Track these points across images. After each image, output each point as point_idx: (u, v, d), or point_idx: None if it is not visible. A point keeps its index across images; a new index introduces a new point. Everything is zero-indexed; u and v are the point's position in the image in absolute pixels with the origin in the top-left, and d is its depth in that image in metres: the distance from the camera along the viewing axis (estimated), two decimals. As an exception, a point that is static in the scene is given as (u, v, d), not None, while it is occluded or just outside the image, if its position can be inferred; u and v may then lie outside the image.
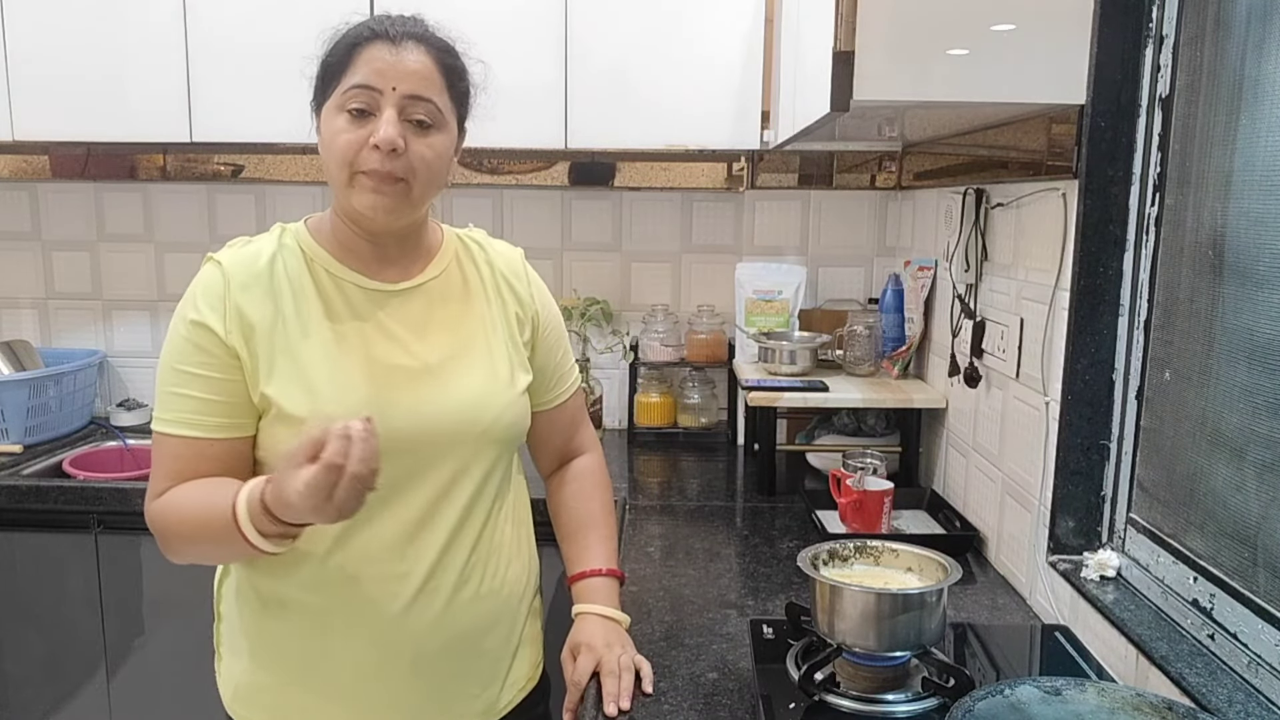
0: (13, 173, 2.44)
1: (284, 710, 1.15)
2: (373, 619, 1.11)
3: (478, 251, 1.24)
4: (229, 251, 1.14)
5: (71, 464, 2.22)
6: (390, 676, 1.13)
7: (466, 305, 1.19)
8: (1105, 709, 0.92)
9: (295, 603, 1.12)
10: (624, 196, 2.44)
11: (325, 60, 1.09)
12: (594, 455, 1.38)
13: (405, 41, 1.07)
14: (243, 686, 1.18)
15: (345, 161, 1.06)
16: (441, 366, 1.14)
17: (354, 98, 1.05)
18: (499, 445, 1.17)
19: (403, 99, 1.06)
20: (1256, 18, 1.08)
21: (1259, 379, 1.06)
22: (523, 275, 1.26)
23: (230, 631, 1.20)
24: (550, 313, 1.29)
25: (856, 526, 1.69)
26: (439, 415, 1.11)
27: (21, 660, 2.09)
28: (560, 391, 1.31)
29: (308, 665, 1.13)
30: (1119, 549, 1.34)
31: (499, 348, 1.19)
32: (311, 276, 1.12)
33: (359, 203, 1.07)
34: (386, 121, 1.04)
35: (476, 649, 1.18)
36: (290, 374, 1.07)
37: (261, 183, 2.45)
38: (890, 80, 1.29)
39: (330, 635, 1.12)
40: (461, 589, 1.14)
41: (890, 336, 2.14)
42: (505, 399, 1.17)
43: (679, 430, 2.42)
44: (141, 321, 2.56)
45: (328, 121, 1.08)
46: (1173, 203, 1.24)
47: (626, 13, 2.03)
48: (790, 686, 1.11)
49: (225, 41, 2.06)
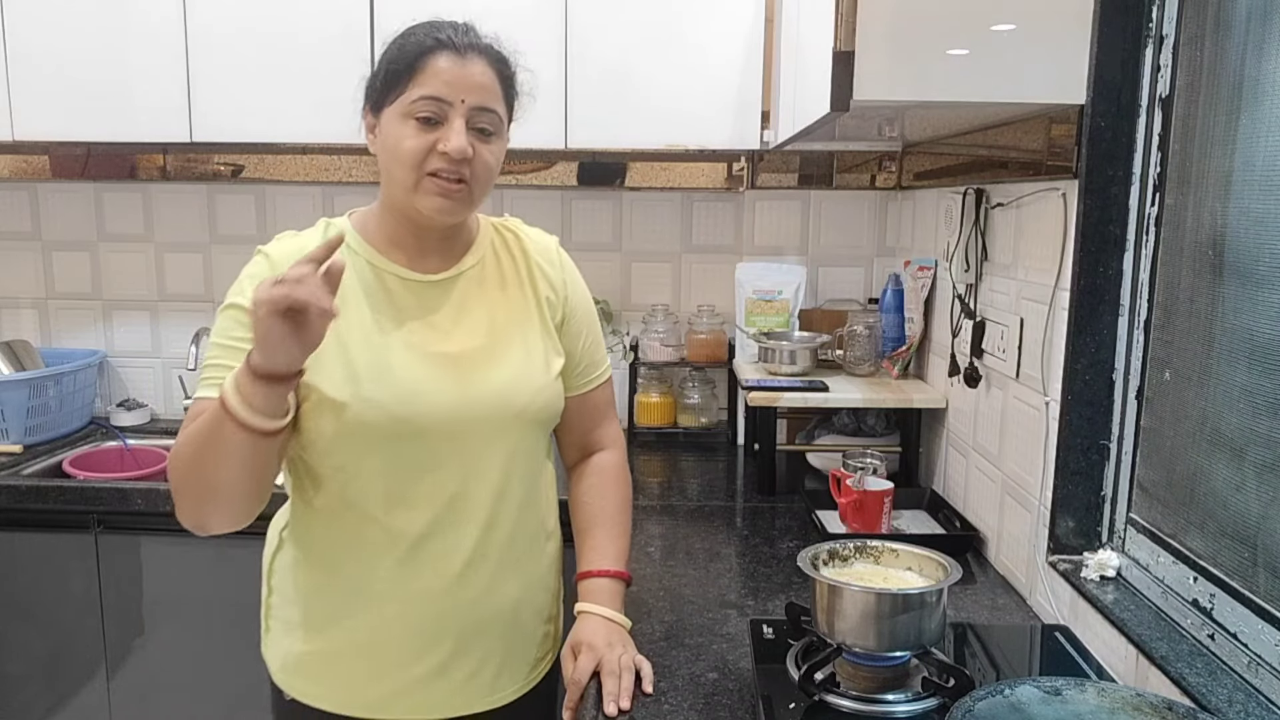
0: (13, 173, 2.44)
1: (332, 679, 1.21)
2: (419, 593, 1.18)
3: (513, 240, 1.29)
4: (277, 244, 1.19)
5: (71, 464, 2.22)
6: (436, 648, 1.19)
7: (502, 292, 1.25)
8: (1105, 709, 0.92)
9: (345, 577, 1.19)
10: (624, 196, 2.44)
11: (390, 66, 1.14)
12: (615, 452, 1.39)
13: (470, 54, 1.13)
14: (292, 656, 1.23)
15: (413, 165, 1.12)
16: (478, 352, 1.19)
17: (424, 107, 1.11)
18: (534, 426, 1.24)
19: (470, 110, 1.13)
20: (1256, 18, 1.08)
21: (1259, 379, 1.06)
22: (556, 261, 1.30)
23: (281, 604, 1.25)
24: (580, 299, 1.32)
25: (856, 526, 1.69)
26: (476, 399, 1.17)
27: (21, 660, 2.09)
28: (587, 380, 1.33)
29: (356, 637, 1.19)
30: (1119, 549, 1.34)
31: (533, 333, 1.24)
32: (354, 268, 1.17)
33: (425, 205, 1.14)
34: (456, 132, 1.11)
35: (516, 623, 1.25)
36: (334, 362, 1.12)
37: (261, 183, 2.45)
38: (890, 80, 1.29)
39: (379, 608, 1.18)
40: (503, 564, 1.21)
41: (890, 336, 2.14)
42: (539, 382, 1.22)
43: (679, 430, 2.42)
44: (141, 321, 2.57)
45: (392, 126, 1.13)
46: (1173, 203, 1.24)
47: (626, 12, 2.03)
48: (790, 686, 1.11)
49: (225, 41, 2.06)
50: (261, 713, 2.11)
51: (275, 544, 1.27)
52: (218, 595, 2.02)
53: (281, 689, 1.25)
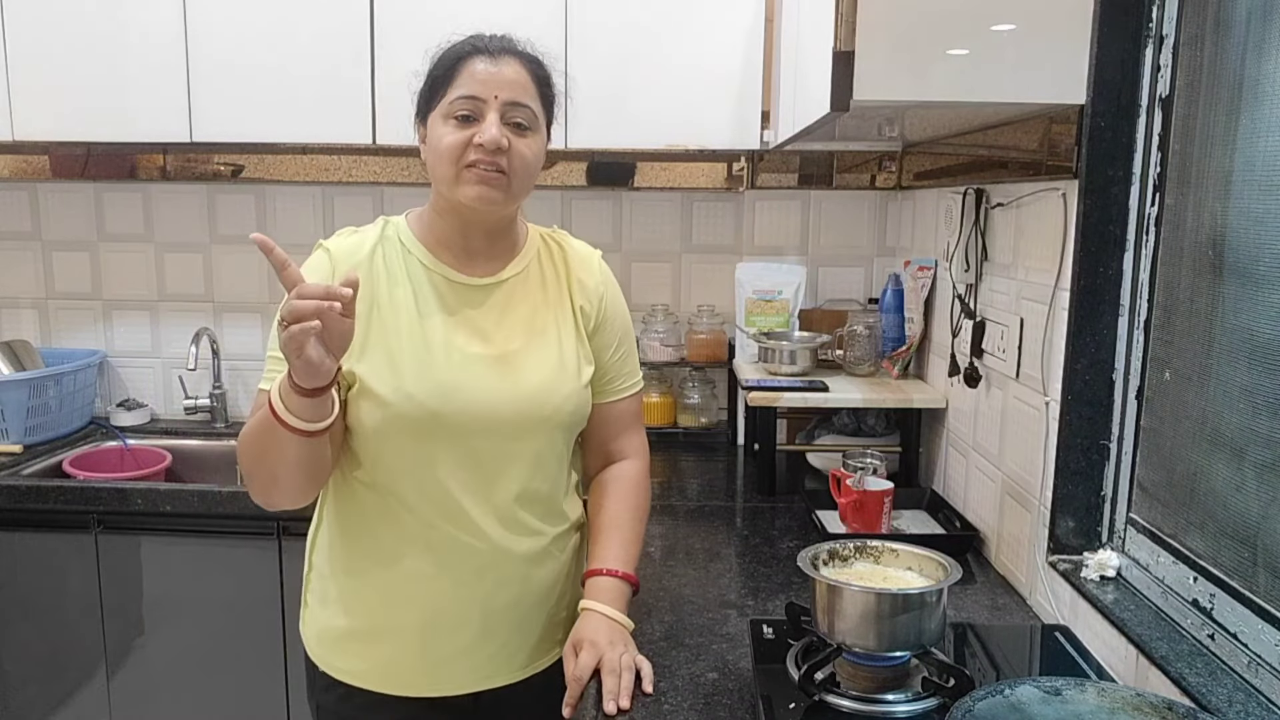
0: (13, 173, 2.44)
1: (362, 655, 1.27)
2: (446, 579, 1.23)
3: (556, 251, 1.35)
4: (337, 239, 1.26)
5: (71, 464, 2.22)
6: (461, 632, 1.25)
7: (543, 300, 1.30)
8: (1105, 709, 0.92)
9: (375, 559, 1.24)
10: (624, 196, 2.44)
11: (432, 74, 1.22)
12: (637, 462, 1.40)
13: (503, 56, 1.20)
14: (327, 631, 1.29)
15: (453, 159, 1.18)
16: (515, 356, 1.25)
17: (460, 106, 1.18)
18: (563, 429, 1.29)
19: (504, 105, 1.18)
20: (1256, 18, 1.08)
21: (1259, 379, 1.06)
22: (595, 272, 1.35)
23: (320, 579, 1.31)
24: (615, 311, 1.36)
25: (856, 526, 1.69)
26: (510, 400, 1.22)
27: (21, 660, 2.09)
28: (613, 389, 1.36)
29: (387, 617, 1.25)
30: (1119, 549, 1.34)
31: (568, 340, 1.29)
32: (406, 267, 1.24)
33: (465, 195, 1.19)
34: (490, 123, 1.17)
35: (539, 610, 1.30)
36: (379, 355, 1.20)
37: (261, 183, 2.45)
38: (890, 80, 1.29)
39: (407, 591, 1.24)
40: (528, 555, 1.26)
41: (890, 336, 2.14)
42: (570, 388, 1.27)
43: (679, 430, 2.42)
44: (141, 321, 2.57)
45: (435, 128, 1.20)
46: (1173, 203, 1.24)
47: (626, 13, 2.03)
48: (790, 686, 1.11)
49: (225, 41, 2.06)
50: (262, 712, 2.11)
51: (316, 521, 1.33)
52: (218, 595, 2.02)
53: (316, 663, 1.30)
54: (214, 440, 2.45)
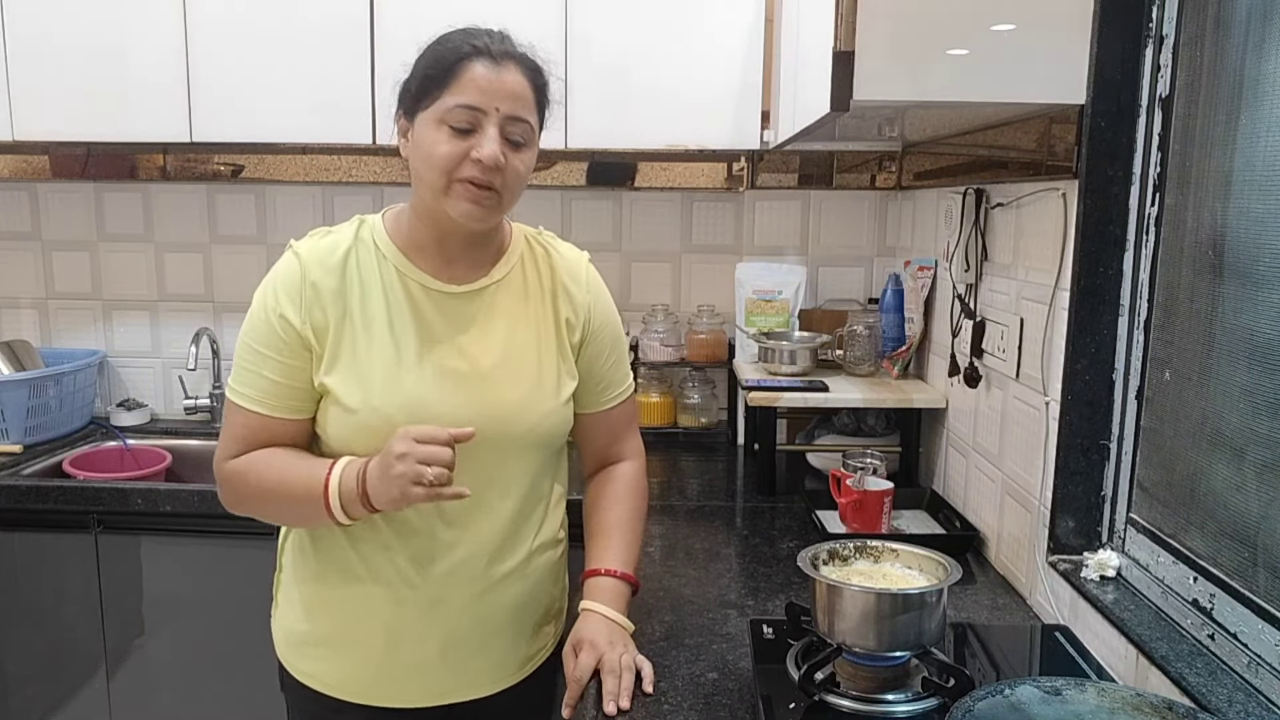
0: (13, 173, 2.44)
1: (323, 661, 1.26)
2: (415, 591, 1.21)
3: (542, 256, 1.29)
4: (309, 242, 1.21)
5: (71, 464, 2.22)
6: (422, 648, 1.23)
7: (524, 311, 1.25)
8: (1105, 709, 0.92)
9: (341, 571, 1.22)
10: (624, 196, 2.44)
11: (425, 71, 1.15)
12: (634, 463, 1.40)
13: (505, 62, 1.14)
14: (292, 634, 1.29)
15: (445, 171, 1.13)
16: (491, 372, 1.21)
17: (458, 117, 1.12)
18: (538, 448, 1.25)
19: (504, 119, 1.13)
20: (1256, 18, 1.08)
21: (1259, 379, 1.06)
22: (581, 279, 1.30)
23: (288, 582, 1.30)
24: (605, 319, 1.32)
25: (856, 526, 1.69)
26: (484, 419, 1.17)
27: (21, 660, 2.09)
28: (607, 398, 1.34)
29: (348, 628, 1.24)
30: (1119, 549, 1.34)
31: (548, 355, 1.25)
32: (380, 273, 1.20)
33: (455, 210, 1.15)
34: (490, 140, 1.12)
35: (504, 630, 1.27)
36: (349, 369, 1.17)
37: (261, 183, 2.45)
38: (890, 80, 1.29)
39: (370, 605, 1.22)
40: (497, 574, 1.23)
41: (890, 336, 2.14)
42: (547, 407, 1.23)
43: (679, 430, 2.42)
44: (141, 321, 2.56)
45: (426, 131, 1.14)
46: (1173, 203, 1.24)
47: (626, 12, 2.03)
48: (790, 686, 1.11)
49: (225, 41, 2.06)
50: (261, 712, 2.10)
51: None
52: (218, 595, 2.02)
53: (284, 665, 1.30)
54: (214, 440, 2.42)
